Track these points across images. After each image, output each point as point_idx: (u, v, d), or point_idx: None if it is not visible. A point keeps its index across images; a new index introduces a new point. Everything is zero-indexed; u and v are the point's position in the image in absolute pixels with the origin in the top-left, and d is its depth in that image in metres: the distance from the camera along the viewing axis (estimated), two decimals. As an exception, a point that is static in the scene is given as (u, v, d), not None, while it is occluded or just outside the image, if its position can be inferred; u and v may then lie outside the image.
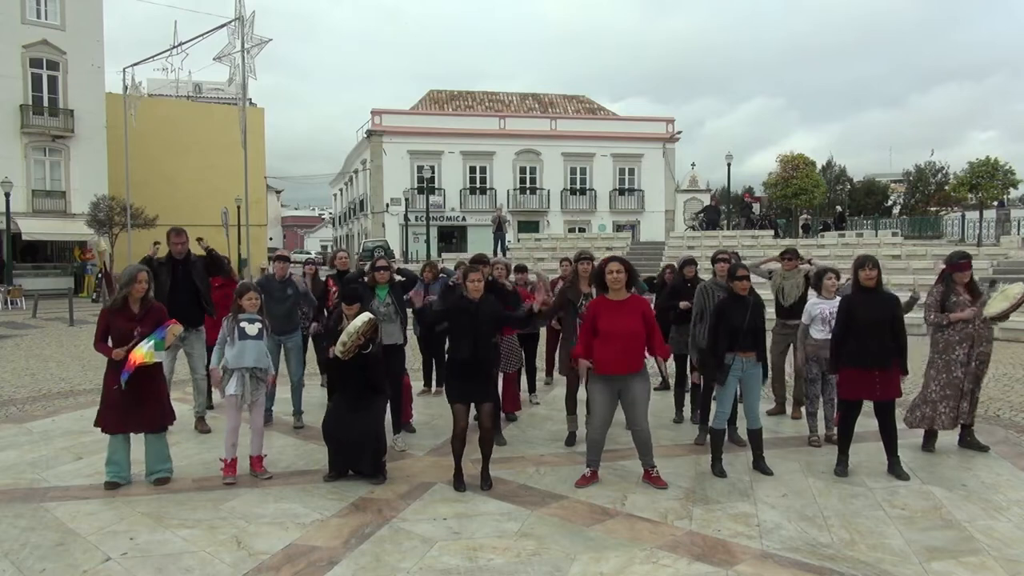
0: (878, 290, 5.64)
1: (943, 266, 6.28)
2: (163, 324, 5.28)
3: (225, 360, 5.43)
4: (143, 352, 5.08)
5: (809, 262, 8.05)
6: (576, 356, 5.32)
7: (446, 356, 5.79)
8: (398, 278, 6.57)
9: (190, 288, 6.83)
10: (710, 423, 5.86)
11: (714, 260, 6.77)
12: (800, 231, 31.99)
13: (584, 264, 6.50)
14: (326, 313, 7.69)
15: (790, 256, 7.54)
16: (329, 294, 7.77)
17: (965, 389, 6.10)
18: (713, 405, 6.02)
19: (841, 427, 5.73)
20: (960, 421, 6.14)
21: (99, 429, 5.32)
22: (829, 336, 6.02)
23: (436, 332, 5.95)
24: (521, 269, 8.53)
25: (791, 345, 7.29)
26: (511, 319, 5.76)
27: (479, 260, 6.89)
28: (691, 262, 7.50)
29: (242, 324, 5.44)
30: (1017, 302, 5.88)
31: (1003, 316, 5.97)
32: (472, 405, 5.31)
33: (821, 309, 6.35)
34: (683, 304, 6.97)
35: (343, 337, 5.20)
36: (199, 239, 7.20)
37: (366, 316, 5.28)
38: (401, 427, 6.48)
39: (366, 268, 6.86)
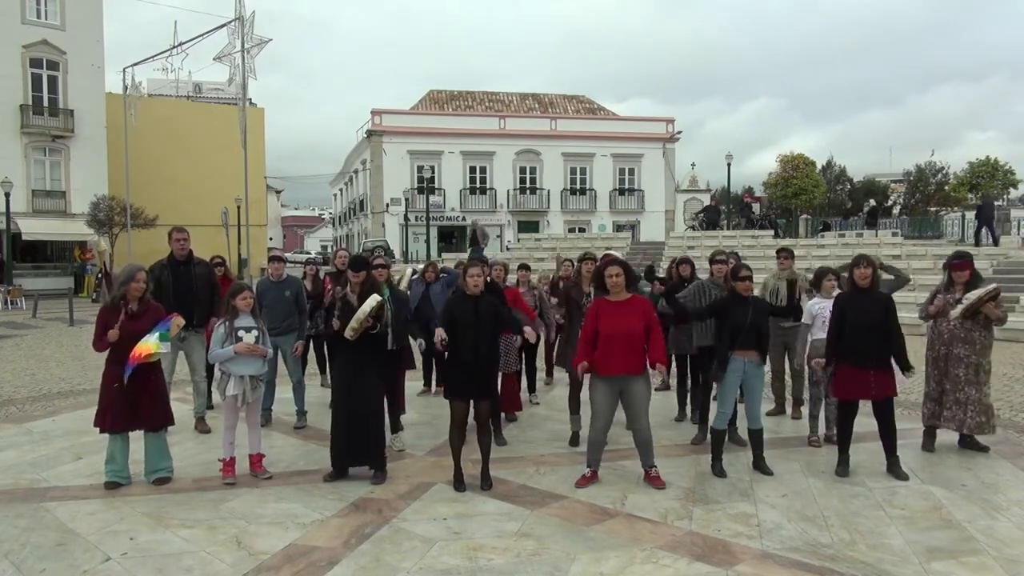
0: (872, 290, 5.64)
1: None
2: (164, 319, 5.26)
3: (226, 365, 5.43)
4: (150, 343, 5.03)
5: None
6: (576, 365, 5.32)
7: (445, 356, 5.76)
8: (405, 277, 6.56)
9: (191, 289, 6.78)
10: (711, 423, 5.85)
11: (711, 261, 6.78)
12: (823, 228, 31.77)
13: (588, 264, 6.74)
14: (323, 312, 7.70)
15: (785, 256, 7.51)
16: (325, 292, 7.75)
17: (931, 389, 6.23)
18: (713, 405, 6.02)
19: (840, 427, 5.73)
20: (964, 430, 6.12)
21: (98, 429, 5.30)
22: None
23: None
24: (524, 267, 8.57)
25: (787, 345, 7.28)
26: (510, 321, 5.70)
27: (478, 259, 6.97)
28: (686, 261, 7.51)
29: (239, 333, 5.40)
30: (972, 303, 5.91)
31: (963, 316, 6.00)
32: (471, 403, 5.30)
33: (822, 308, 6.33)
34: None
35: (352, 322, 5.21)
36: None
37: (375, 299, 5.27)
38: (397, 426, 6.46)
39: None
